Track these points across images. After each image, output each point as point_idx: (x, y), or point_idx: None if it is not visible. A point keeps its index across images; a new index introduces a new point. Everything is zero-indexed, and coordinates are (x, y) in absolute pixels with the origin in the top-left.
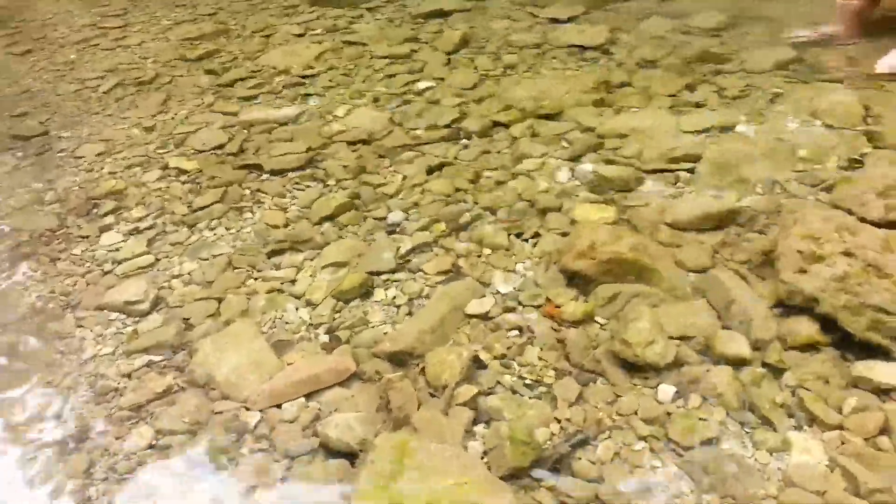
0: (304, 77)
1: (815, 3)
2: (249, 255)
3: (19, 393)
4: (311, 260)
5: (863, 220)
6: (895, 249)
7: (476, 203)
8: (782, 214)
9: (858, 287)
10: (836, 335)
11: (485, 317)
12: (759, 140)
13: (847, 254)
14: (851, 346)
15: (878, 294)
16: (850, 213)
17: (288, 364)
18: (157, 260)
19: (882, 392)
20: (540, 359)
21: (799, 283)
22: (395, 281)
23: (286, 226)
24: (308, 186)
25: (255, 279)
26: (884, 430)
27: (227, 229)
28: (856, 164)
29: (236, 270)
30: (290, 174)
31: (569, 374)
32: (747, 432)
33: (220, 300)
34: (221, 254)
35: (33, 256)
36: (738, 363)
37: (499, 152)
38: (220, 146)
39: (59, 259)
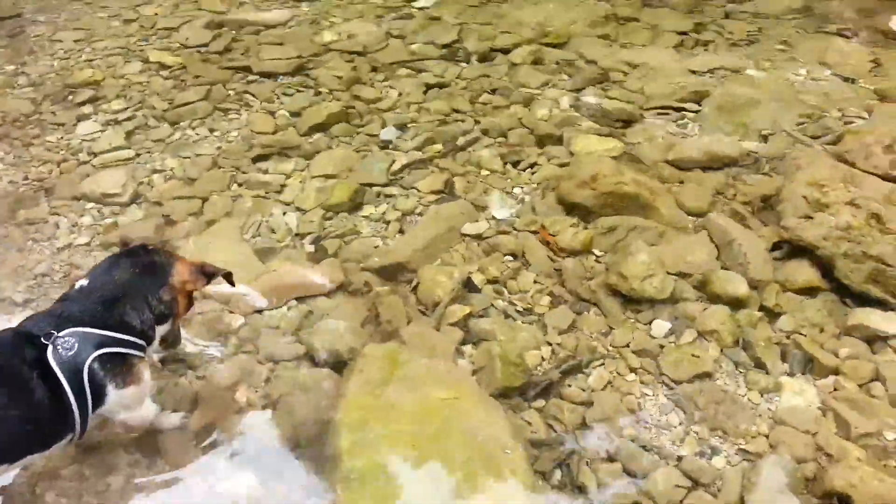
0: None
1: None
2: (234, 158)
3: None
4: (301, 169)
5: (867, 172)
6: None
7: (475, 125)
8: (787, 160)
9: (861, 237)
10: (835, 282)
11: (480, 238)
12: (766, 85)
13: (852, 204)
14: (849, 293)
15: (879, 245)
16: (853, 165)
17: (272, 270)
18: (137, 154)
19: (879, 339)
20: (535, 282)
21: (801, 229)
22: (388, 196)
23: (274, 132)
24: (299, 92)
25: (241, 184)
26: (876, 377)
27: (211, 130)
28: (861, 117)
29: (221, 170)
30: (280, 79)
31: (563, 303)
32: (740, 371)
33: (203, 199)
34: (205, 154)
35: (5, 139)
36: (734, 303)
37: (500, 77)
38: (205, 44)
39: (33, 144)
